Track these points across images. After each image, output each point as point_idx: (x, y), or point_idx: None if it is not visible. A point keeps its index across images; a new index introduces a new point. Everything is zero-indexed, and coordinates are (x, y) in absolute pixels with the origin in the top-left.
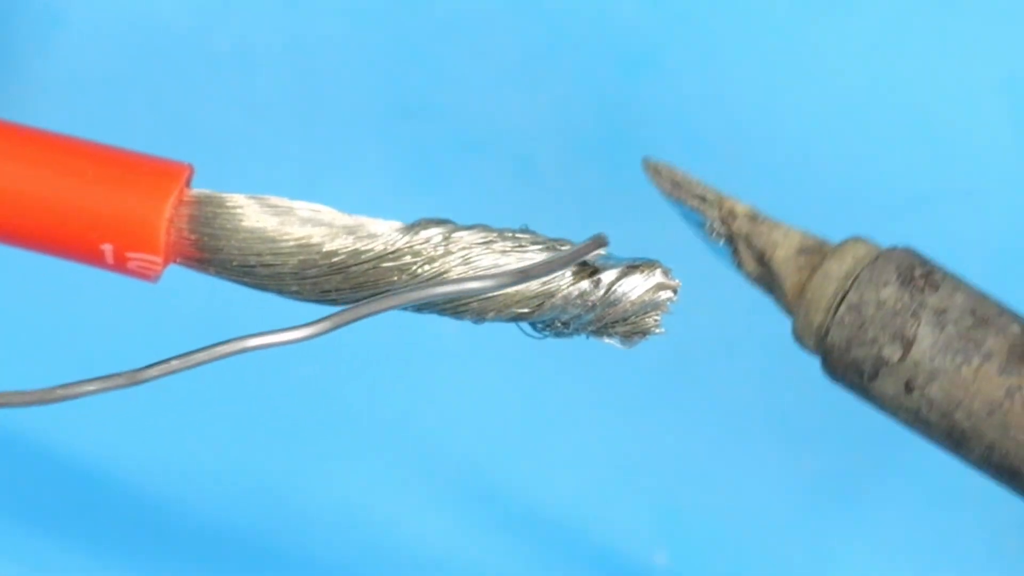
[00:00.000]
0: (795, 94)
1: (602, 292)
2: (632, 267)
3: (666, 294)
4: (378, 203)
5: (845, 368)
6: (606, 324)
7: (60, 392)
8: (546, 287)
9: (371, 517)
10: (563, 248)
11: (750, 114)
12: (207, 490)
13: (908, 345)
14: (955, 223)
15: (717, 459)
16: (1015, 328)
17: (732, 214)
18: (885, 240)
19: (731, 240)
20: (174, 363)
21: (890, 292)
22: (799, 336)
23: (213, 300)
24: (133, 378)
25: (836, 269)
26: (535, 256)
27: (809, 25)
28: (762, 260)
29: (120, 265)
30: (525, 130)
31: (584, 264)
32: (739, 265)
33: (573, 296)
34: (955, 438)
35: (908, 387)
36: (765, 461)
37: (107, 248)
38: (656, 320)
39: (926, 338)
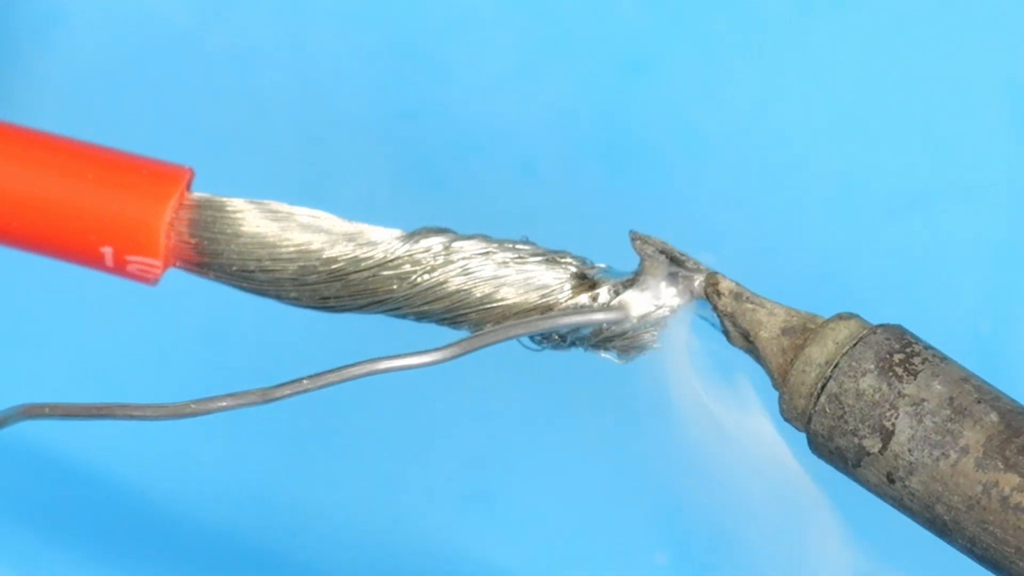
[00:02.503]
0: (795, 94)
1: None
2: (630, 283)
3: (664, 311)
4: (377, 203)
5: (830, 454)
6: (603, 338)
7: (193, 407)
8: (544, 300)
9: (369, 517)
10: (565, 260)
11: (749, 114)
12: (206, 490)
13: (887, 437)
14: (955, 223)
15: (717, 459)
16: (992, 417)
17: (717, 291)
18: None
19: (718, 315)
20: (305, 383)
21: (868, 382)
22: (786, 417)
23: (213, 303)
24: (266, 396)
25: (817, 355)
26: (534, 267)
27: (809, 25)
28: (747, 338)
29: (120, 268)
30: (525, 130)
31: (584, 278)
32: (729, 340)
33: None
34: (938, 528)
35: (890, 478)
36: (765, 461)
37: (107, 251)
38: (654, 335)
39: (904, 431)
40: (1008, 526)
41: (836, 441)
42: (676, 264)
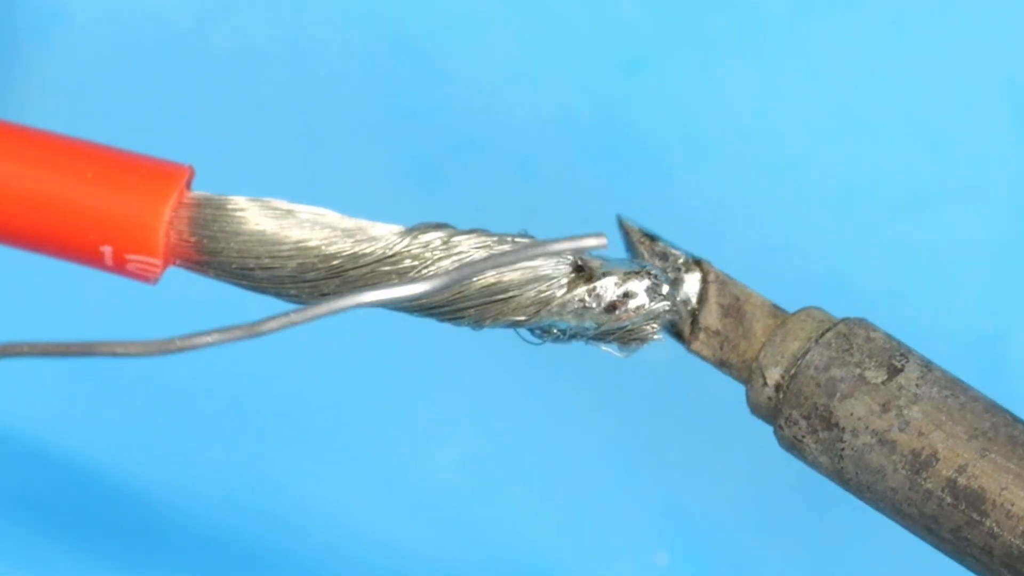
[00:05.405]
0: (795, 94)
1: (598, 301)
2: (629, 274)
3: (664, 304)
4: (377, 203)
5: (815, 387)
6: (603, 332)
7: (179, 343)
8: (543, 295)
9: (368, 517)
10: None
11: (749, 114)
12: (206, 490)
13: (894, 372)
14: (955, 223)
15: (717, 459)
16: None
17: (709, 267)
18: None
19: (702, 289)
20: (293, 316)
21: (880, 335)
22: (764, 364)
23: (213, 302)
24: (252, 330)
25: (820, 315)
26: (533, 260)
27: (809, 25)
28: (730, 309)
29: (119, 267)
30: (525, 130)
31: (581, 271)
32: (693, 318)
33: (569, 305)
34: (922, 459)
35: (885, 407)
36: (765, 461)
37: (106, 250)
38: (654, 327)
39: (914, 371)
40: (1012, 455)
41: (831, 371)
42: (659, 250)
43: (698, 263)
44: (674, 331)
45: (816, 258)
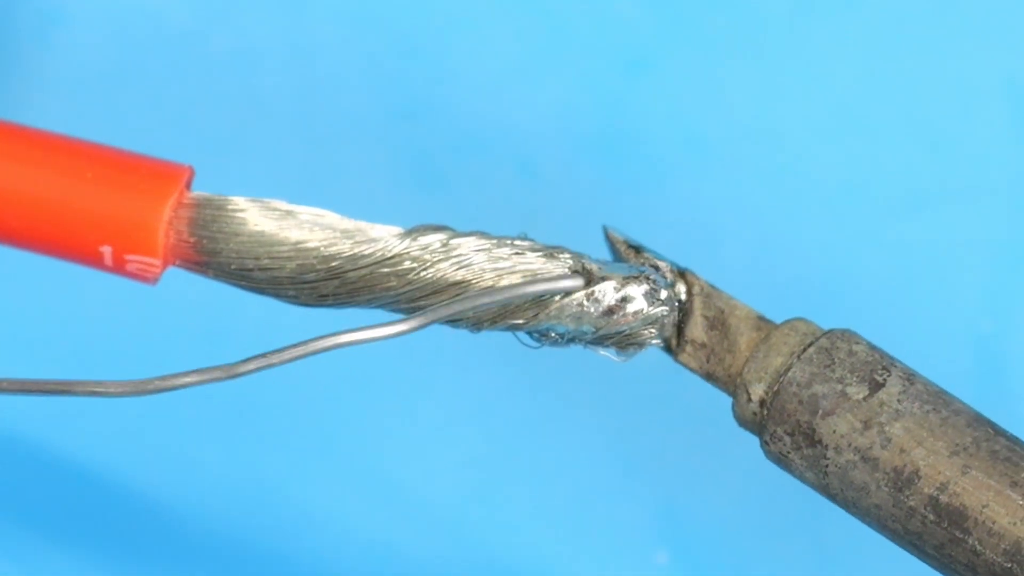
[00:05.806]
0: (795, 94)
1: (596, 305)
2: (628, 279)
3: (662, 309)
4: (378, 203)
5: (798, 404)
6: (601, 336)
7: (156, 383)
8: (541, 298)
9: (368, 517)
10: (564, 256)
11: (749, 114)
12: (206, 491)
13: (876, 388)
14: (955, 223)
15: (717, 459)
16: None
17: (694, 279)
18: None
19: (687, 301)
20: (270, 357)
21: (863, 347)
22: (748, 380)
23: (213, 301)
24: (230, 371)
25: (804, 327)
26: (532, 263)
27: (809, 25)
28: (715, 322)
29: (119, 267)
30: (525, 130)
31: (580, 273)
32: (679, 330)
33: (567, 308)
34: (904, 477)
35: (867, 424)
36: (764, 461)
37: (106, 250)
38: (651, 332)
39: (895, 385)
40: (993, 472)
41: (814, 388)
42: (645, 260)
43: (683, 274)
44: (663, 343)
45: (816, 258)
